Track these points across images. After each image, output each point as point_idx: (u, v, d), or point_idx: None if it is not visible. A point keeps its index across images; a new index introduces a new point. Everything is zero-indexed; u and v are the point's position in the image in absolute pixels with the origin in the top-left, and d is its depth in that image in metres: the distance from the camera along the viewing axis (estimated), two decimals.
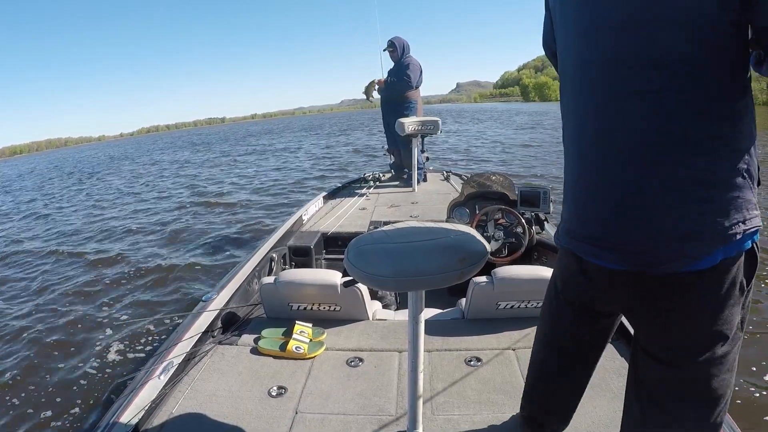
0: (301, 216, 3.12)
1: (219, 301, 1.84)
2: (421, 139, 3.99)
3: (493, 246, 2.25)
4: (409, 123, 3.72)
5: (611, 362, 1.41)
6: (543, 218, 2.37)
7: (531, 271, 1.67)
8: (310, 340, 1.61)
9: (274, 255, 2.48)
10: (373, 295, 2.05)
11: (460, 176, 4.38)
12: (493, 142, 13.89)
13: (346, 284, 1.56)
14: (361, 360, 1.52)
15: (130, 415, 1.22)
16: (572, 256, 0.89)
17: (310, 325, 1.69)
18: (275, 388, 1.39)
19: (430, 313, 1.81)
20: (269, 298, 1.79)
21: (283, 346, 1.58)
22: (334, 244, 2.88)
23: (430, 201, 3.58)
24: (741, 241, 0.71)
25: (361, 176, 4.52)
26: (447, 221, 2.43)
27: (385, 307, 2.08)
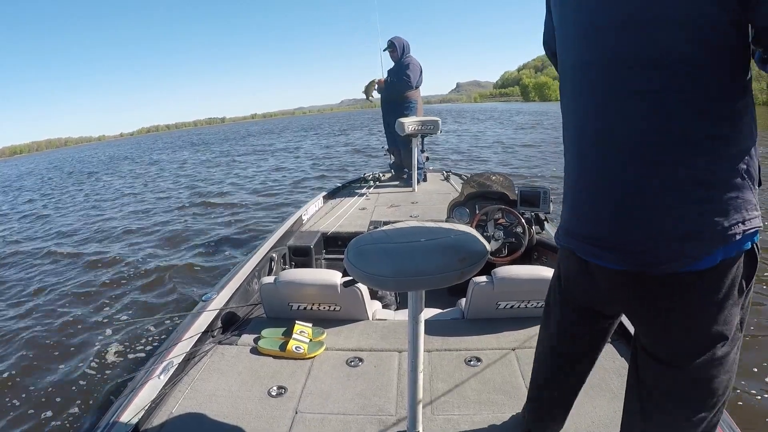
0: (301, 216, 3.12)
1: (219, 301, 1.84)
2: (421, 139, 3.99)
3: (493, 246, 2.25)
4: (409, 123, 3.72)
5: (611, 362, 1.41)
6: (543, 218, 2.37)
7: (531, 271, 1.67)
8: (310, 340, 1.61)
9: (274, 255, 2.48)
10: (373, 295, 2.05)
11: (460, 176, 4.37)
12: (493, 142, 13.90)
13: (346, 284, 1.56)
14: (361, 360, 1.52)
15: (130, 414, 1.22)
16: (573, 257, 0.89)
17: (310, 325, 1.69)
18: (275, 388, 1.39)
19: (430, 313, 1.80)
20: (269, 298, 1.79)
21: (283, 346, 1.58)
22: (334, 244, 2.88)
23: (430, 201, 3.58)
24: (741, 241, 0.71)
25: (361, 176, 4.51)
26: (447, 221, 2.43)
27: (385, 307, 2.08)
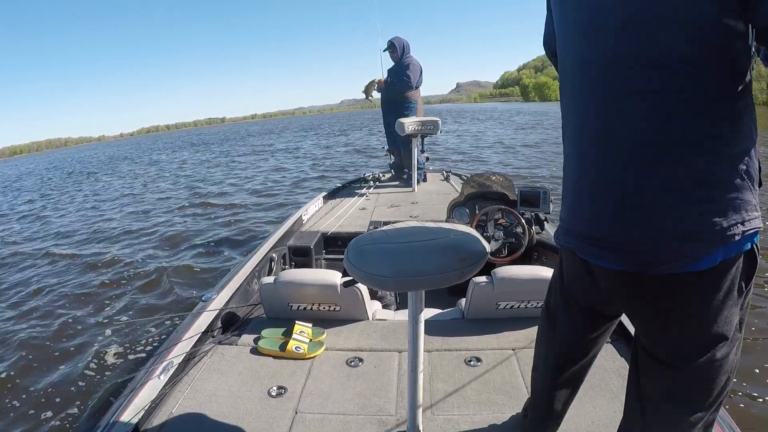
0: (300, 216, 3.12)
1: (219, 301, 1.84)
2: (421, 139, 3.99)
3: (493, 246, 2.25)
4: (409, 123, 3.72)
5: (611, 362, 1.41)
6: (543, 218, 2.37)
7: (531, 271, 1.67)
8: (310, 340, 1.61)
9: (274, 255, 2.48)
10: (373, 295, 2.05)
11: (460, 176, 4.38)
12: (493, 142, 13.90)
13: (346, 284, 1.56)
14: (360, 360, 1.52)
15: (130, 414, 1.22)
16: (573, 257, 0.89)
17: (310, 325, 1.69)
18: (275, 388, 1.39)
19: (430, 313, 1.80)
20: (269, 298, 1.79)
21: (283, 346, 1.58)
22: (334, 244, 2.88)
23: (430, 201, 3.58)
24: (740, 242, 0.71)
25: (361, 176, 4.51)
26: (447, 221, 2.43)
27: (385, 307, 2.08)
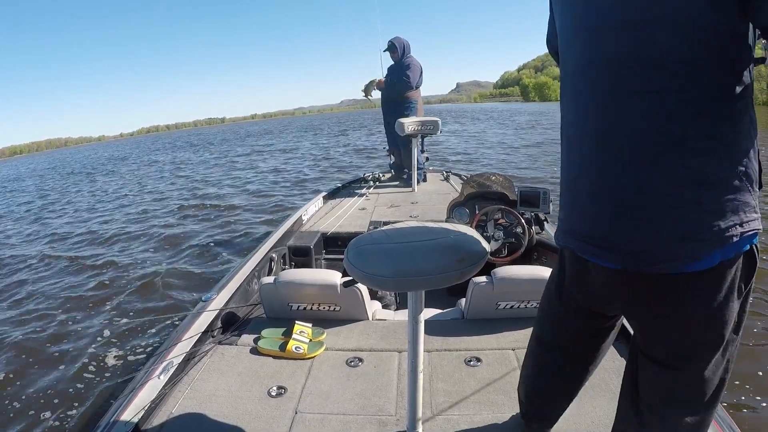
0: (300, 216, 3.12)
1: (219, 301, 1.84)
2: (420, 139, 3.99)
3: (493, 246, 2.25)
4: (409, 123, 3.72)
5: (611, 362, 1.41)
6: (543, 218, 2.37)
7: (531, 271, 1.66)
8: (310, 340, 1.61)
9: (274, 255, 2.48)
10: (373, 295, 2.05)
11: (460, 176, 4.37)
12: (493, 142, 13.90)
13: (345, 284, 1.56)
14: (360, 360, 1.52)
15: (130, 414, 1.22)
16: (572, 256, 0.89)
17: (310, 325, 1.69)
18: (275, 388, 1.39)
19: (429, 313, 1.80)
20: (269, 298, 1.79)
21: (283, 346, 1.58)
22: (333, 244, 2.88)
23: (429, 201, 3.58)
24: (738, 243, 0.71)
25: (361, 176, 4.51)
26: (447, 221, 2.43)
27: (384, 307, 2.08)
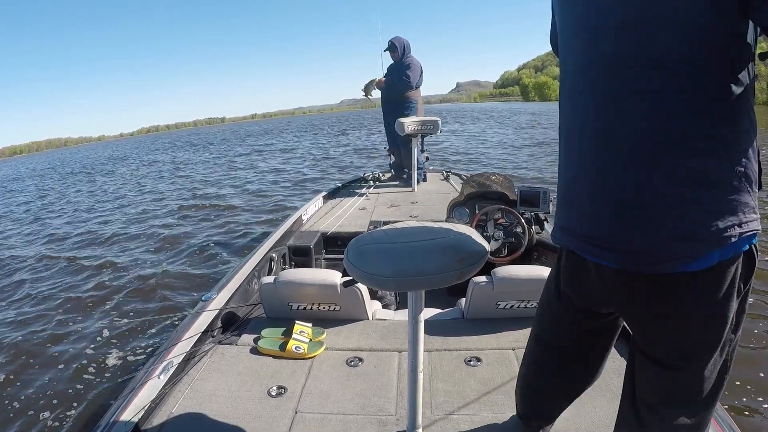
0: (300, 216, 3.12)
1: (219, 301, 1.84)
2: (420, 139, 3.99)
3: (493, 246, 2.25)
4: (409, 123, 3.72)
5: (611, 362, 1.41)
6: (543, 218, 2.36)
7: (531, 271, 1.66)
8: (310, 340, 1.61)
9: (274, 255, 2.48)
10: (373, 295, 2.05)
11: (460, 176, 4.37)
12: (493, 142, 13.90)
13: (345, 284, 1.56)
14: (360, 360, 1.52)
15: (130, 414, 1.22)
16: (571, 255, 0.89)
17: (310, 324, 1.69)
18: (275, 387, 1.39)
19: (429, 313, 1.81)
20: (269, 298, 1.79)
21: (283, 346, 1.58)
22: (333, 244, 2.88)
23: (429, 201, 3.58)
24: (737, 243, 0.71)
25: (361, 176, 4.51)
26: (447, 221, 2.43)
27: (384, 307, 2.08)
